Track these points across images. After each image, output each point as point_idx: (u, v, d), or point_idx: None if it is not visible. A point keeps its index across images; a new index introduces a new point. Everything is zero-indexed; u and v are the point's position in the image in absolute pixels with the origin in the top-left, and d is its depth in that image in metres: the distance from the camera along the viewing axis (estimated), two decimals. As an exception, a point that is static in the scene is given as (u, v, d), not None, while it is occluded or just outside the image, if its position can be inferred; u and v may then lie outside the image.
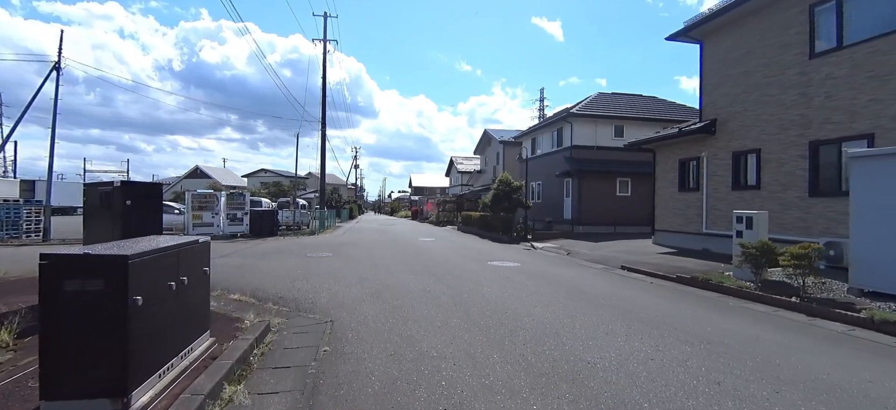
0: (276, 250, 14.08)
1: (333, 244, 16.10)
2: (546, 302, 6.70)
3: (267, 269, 9.77)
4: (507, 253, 14.00)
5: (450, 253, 13.46)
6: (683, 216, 14.14)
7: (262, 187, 59.72)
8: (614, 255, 13.18)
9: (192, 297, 3.69)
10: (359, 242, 17.40)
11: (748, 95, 12.00)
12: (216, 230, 19.41)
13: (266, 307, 6.14)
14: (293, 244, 16.01)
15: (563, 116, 22.85)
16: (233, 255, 12.46)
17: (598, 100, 24.47)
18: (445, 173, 64.15)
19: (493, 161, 41.53)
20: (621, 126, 23.07)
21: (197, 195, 19.41)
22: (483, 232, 22.34)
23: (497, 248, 15.85)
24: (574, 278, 9.25)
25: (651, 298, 7.34)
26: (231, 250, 13.89)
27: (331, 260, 11.45)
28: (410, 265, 10.55)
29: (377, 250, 14.28)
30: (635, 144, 16.35)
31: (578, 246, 15.86)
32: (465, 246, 16.23)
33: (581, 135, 22.52)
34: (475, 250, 14.84)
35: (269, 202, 27.55)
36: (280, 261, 11.16)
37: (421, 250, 14.14)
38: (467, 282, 8.35)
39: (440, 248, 15.20)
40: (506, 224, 19.66)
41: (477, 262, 11.45)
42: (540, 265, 11.37)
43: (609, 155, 22.68)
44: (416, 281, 8.36)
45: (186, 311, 3.58)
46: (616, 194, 22.21)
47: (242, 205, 20.41)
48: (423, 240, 18.89)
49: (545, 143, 25.96)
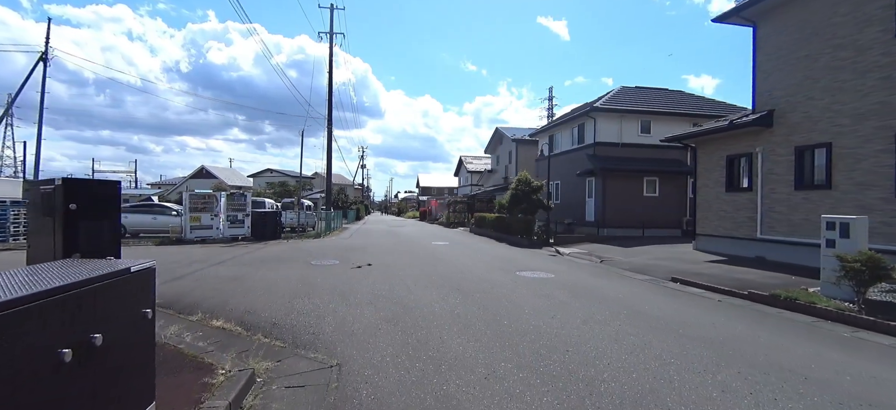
0: (278, 256, 12.73)
1: (340, 249, 14.73)
2: (612, 333, 5.25)
3: (264, 282, 8.40)
4: (534, 261, 12.56)
5: (470, 261, 12.04)
6: (732, 220, 12.61)
7: (268, 188, 58.64)
8: (655, 263, 11.70)
9: (117, 361, 2.30)
10: (368, 246, 16.03)
11: (814, 81, 10.47)
12: (215, 233, 18.14)
13: (254, 341, 4.75)
14: (297, 249, 14.67)
15: (585, 110, 21.35)
16: (229, 262, 11.13)
17: (620, 94, 22.93)
18: (454, 173, 62.72)
19: (505, 160, 40.04)
20: (648, 122, 21.51)
21: (195, 196, 18.14)
22: (500, 235, 20.89)
23: (520, 254, 14.40)
24: (625, 295, 7.78)
25: (736, 324, 5.87)
26: (228, 256, 12.56)
27: (338, 270, 10.07)
28: (429, 276, 9.13)
29: (389, 255, 12.90)
30: (674, 140, 14.81)
31: (609, 252, 14.37)
32: (485, 252, 14.79)
33: (605, 131, 20.99)
34: (497, 256, 13.40)
35: (272, 203, 26.28)
36: (280, 271, 9.80)
37: (437, 257, 12.73)
38: (502, 301, 6.93)
39: (458, 254, 13.78)
40: (526, 227, 18.20)
41: (504, 272, 10.01)
42: (576, 276, 9.91)
43: (635, 153, 21.14)
44: (441, 300, 6.95)
45: (104, 387, 2.20)
46: (643, 195, 20.67)
47: (244, 206, 19.12)
48: (437, 244, 17.48)
49: (564, 140, 24.45)
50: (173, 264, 10.68)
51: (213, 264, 10.77)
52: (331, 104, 24.33)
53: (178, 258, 12.05)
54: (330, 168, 24.90)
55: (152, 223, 18.87)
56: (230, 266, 10.40)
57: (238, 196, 19.13)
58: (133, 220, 18.90)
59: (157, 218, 18.95)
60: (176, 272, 9.44)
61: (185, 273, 9.24)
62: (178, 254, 12.99)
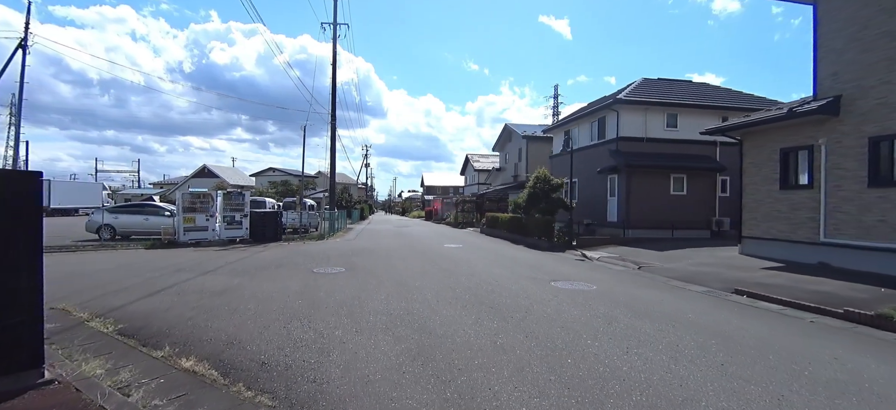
0: (277, 261, 11.40)
1: (346, 253, 13.39)
2: (723, 379, 3.86)
3: (257, 297, 7.06)
4: (563, 267, 11.17)
5: (493, 267, 10.66)
6: (787, 221, 11.19)
7: (270, 187, 57.51)
8: (704, 270, 10.30)
9: None
10: (375, 249, 14.68)
11: (892, 62, 9.04)
12: (211, 235, 16.82)
13: (232, 396, 3.40)
14: (298, 253, 13.34)
15: (607, 103, 19.90)
16: (220, 270, 9.79)
17: (643, 87, 21.49)
18: (460, 172, 61.36)
19: (515, 158, 38.64)
20: (674, 115, 20.07)
21: (189, 195, 16.83)
22: (515, 236, 19.52)
23: (544, 259, 13.02)
24: (695, 314, 6.40)
25: (869, 363, 4.47)
26: (221, 262, 11.23)
27: (344, 280, 8.71)
28: (452, 289, 7.77)
29: (400, 261, 11.54)
30: (717, 131, 13.34)
31: (643, 257, 12.97)
32: (504, 255, 13.41)
33: (629, 125, 19.56)
34: (520, 261, 12.02)
35: (273, 202, 24.99)
36: (277, 281, 8.45)
37: (455, 262, 11.37)
38: (551, 326, 5.55)
39: (476, 259, 12.40)
40: (545, 229, 16.81)
41: (536, 282, 8.63)
42: (621, 287, 8.52)
43: (660, 148, 19.71)
44: (474, 323, 5.58)
45: None
46: (670, 193, 19.23)
47: (241, 206, 17.80)
48: (450, 247, 16.12)
49: (583, 135, 23.01)
50: (157, 272, 9.35)
51: (201, 272, 9.43)
52: (334, 96, 23.01)
53: (164, 264, 10.73)
54: (333, 165, 23.59)
55: (144, 225, 17.58)
56: (221, 276, 9.06)
57: (235, 195, 17.82)
58: (124, 221, 17.62)
59: (148, 219, 17.66)
60: (156, 283, 8.11)
61: (166, 285, 7.90)
62: (166, 259, 11.67)
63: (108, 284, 7.99)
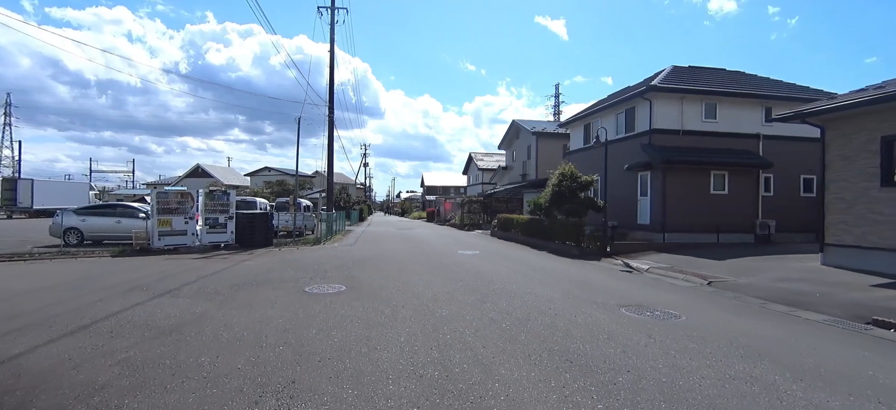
0: (261, 275, 9.25)
1: (346, 263, 11.24)
2: None
3: (220, 342, 4.91)
4: (615, 283, 9.06)
5: (533, 284, 8.52)
6: (893, 225, 9.08)
7: (266, 186, 55.27)
8: (797, 288, 8.20)
9: None
10: (380, 257, 12.53)
11: None
12: (190, 240, 14.66)
13: None
14: (288, 263, 11.18)
15: (638, 91, 17.77)
16: (186, 289, 7.63)
17: (674, 75, 19.37)
18: (462, 171, 59.22)
19: (523, 156, 36.53)
20: (713, 104, 17.97)
21: (163, 194, 14.63)
22: (534, 241, 17.40)
23: (584, 270, 10.91)
24: (849, 364, 4.27)
25: None
26: (192, 276, 9.07)
27: (345, 306, 6.57)
28: (497, 323, 5.63)
29: (413, 275, 9.40)
30: (796, 117, 11.06)
31: (702, 267, 10.88)
32: (535, 266, 11.28)
33: (663, 116, 17.45)
34: (561, 275, 9.89)
35: (265, 203, 22.80)
36: (255, 309, 6.30)
37: (482, 277, 9.23)
38: (685, 402, 3.42)
39: (506, 271, 10.27)
40: (574, 232, 14.69)
41: (603, 309, 6.50)
42: (716, 315, 6.41)
43: (698, 141, 17.61)
44: (561, 399, 3.45)
45: None
46: (710, 192, 17.13)
47: (226, 206, 15.62)
48: (466, 254, 13.98)
49: (607, 128, 20.81)
50: (103, 293, 7.19)
51: (160, 293, 7.27)
52: (332, 85, 20.81)
53: (121, 279, 8.57)
54: (331, 161, 21.39)
55: (116, 228, 15.40)
56: (183, 299, 6.90)
57: (219, 195, 15.63)
58: (92, 224, 15.43)
59: (121, 222, 15.47)
60: (91, 312, 5.95)
61: (101, 316, 5.75)
62: (127, 272, 9.51)
63: (23, 314, 5.83)
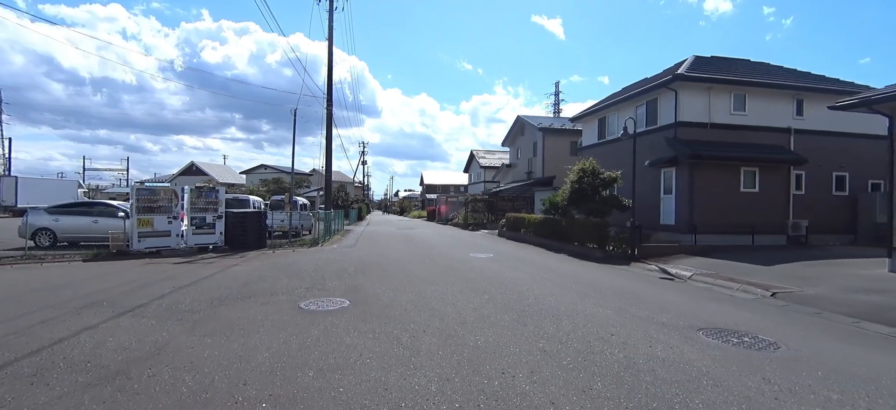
0: (248, 287, 7.88)
1: (347, 269, 9.87)
2: None
3: (181, 392, 3.55)
4: (664, 294, 7.73)
5: (570, 296, 7.18)
6: None
7: (262, 184, 53.79)
8: (883, 301, 6.90)
9: None
10: (386, 262, 11.17)
11: None
12: (174, 242, 13.25)
13: None
14: (282, 269, 9.81)
15: (663, 81, 16.42)
16: (154, 306, 6.25)
17: (697, 65, 18.05)
18: (464, 169, 57.88)
19: (528, 153, 35.23)
20: (742, 96, 16.68)
21: (144, 191, 13.20)
22: (549, 243, 16.06)
23: (619, 278, 9.59)
24: None
25: None
26: (166, 287, 7.68)
27: (350, 331, 5.21)
28: (555, 360, 4.27)
29: (427, 283, 8.05)
30: (862, 104, 9.67)
31: (751, 274, 9.58)
32: (563, 273, 9.94)
33: (690, 107, 16.14)
34: (597, 285, 8.55)
35: (260, 202, 21.38)
36: (236, 335, 4.94)
37: (512, 289, 7.88)
38: None
39: (533, 280, 8.92)
40: (597, 234, 13.35)
41: (673, 332, 5.16)
42: (819, 341, 5.08)
43: (727, 135, 16.31)
44: None
45: None
46: (740, 190, 15.84)
47: (215, 205, 14.21)
48: (478, 257, 12.64)
49: (624, 122, 19.52)
50: (51, 311, 5.81)
51: (120, 311, 5.89)
52: (330, 76, 19.38)
53: (79, 291, 7.18)
54: (329, 156, 19.95)
55: (93, 228, 13.97)
56: (147, 320, 5.52)
57: (207, 192, 14.21)
58: (67, 224, 13.99)
59: (98, 221, 14.03)
60: (15, 342, 4.58)
61: (35, 348, 4.38)
62: (91, 282, 8.12)
63: (-71, 344, 4.45)
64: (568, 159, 33.15)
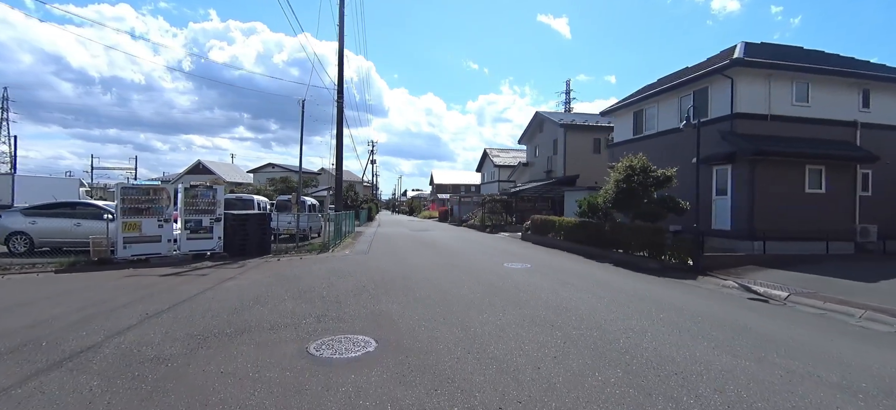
0: (242, 314, 6.17)
1: (366, 284, 8.14)
2: None
3: None
4: (781, 327, 5.92)
5: (679, 335, 5.40)
6: None
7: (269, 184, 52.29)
8: None
9: None
10: (410, 274, 9.43)
11: None
12: (165, 248, 11.62)
13: None
14: (288, 284, 8.10)
15: (717, 67, 14.48)
16: (106, 348, 4.56)
17: (750, 51, 16.14)
18: (476, 169, 56.06)
19: (548, 150, 33.36)
20: (805, 85, 14.76)
21: (130, 190, 11.54)
22: (588, 250, 14.23)
23: (699, 298, 7.78)
24: None
25: None
26: (134, 315, 5.99)
27: (385, 401, 3.46)
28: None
29: (470, 308, 6.31)
30: None
31: (857, 292, 7.77)
32: (636, 294, 8.14)
33: (748, 97, 14.25)
34: (697, 315, 6.74)
35: (264, 201, 19.74)
36: (226, 393, 3.20)
37: (589, 323, 6.10)
38: None
39: (606, 307, 7.14)
40: (651, 241, 11.53)
41: (853, 398, 3.39)
42: None
43: (788, 129, 14.42)
44: None
45: None
46: (805, 191, 13.95)
47: (213, 206, 12.55)
48: (515, 268, 10.87)
49: (665, 115, 17.67)
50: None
51: (48, 364, 4.18)
52: (341, 65, 17.67)
53: (12, 322, 5.50)
54: (340, 152, 18.22)
55: (75, 232, 12.39)
56: (81, 383, 3.81)
57: (203, 192, 12.55)
58: (45, 227, 12.41)
59: (81, 224, 12.44)
60: None
61: None
62: (39, 304, 6.44)
63: None
64: (591, 157, 31.28)
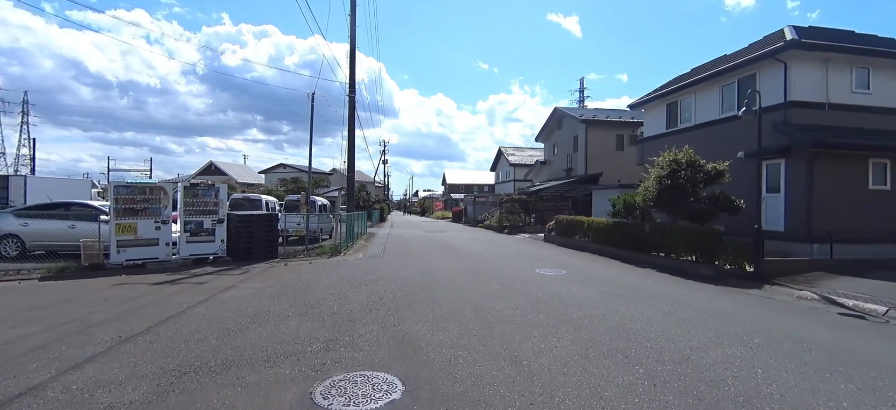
0: (233, 343, 5.09)
1: (383, 297, 7.02)
2: None
3: None
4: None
5: (822, 382, 4.20)
6: None
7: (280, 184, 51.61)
8: None
9: None
10: (433, 283, 8.29)
11: None
12: (163, 253, 10.64)
13: None
14: (293, 296, 7.02)
15: (770, 50, 13.05)
16: (53, 391, 3.48)
17: (802, 34, 14.69)
18: (491, 168, 54.81)
19: (567, 148, 31.98)
20: (865, 70, 13.33)
21: (124, 188, 10.56)
22: (622, 252, 12.95)
23: (780, 315, 6.51)
24: None
25: None
26: (106, 340, 4.94)
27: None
28: None
29: (515, 334, 5.14)
30: None
31: None
32: (705, 310, 6.89)
33: (802, 84, 12.84)
34: (799, 340, 5.49)
35: (273, 201, 18.77)
36: None
37: (674, 355, 4.88)
38: None
39: (690, 332, 5.92)
40: (704, 245, 10.22)
41: None
42: None
43: (846, 118, 12.98)
44: None
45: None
46: (868, 188, 12.51)
47: (215, 206, 11.56)
48: (549, 275, 9.66)
49: (705, 106, 16.23)
50: None
51: None
52: (353, 54, 16.59)
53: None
54: (352, 149, 17.16)
55: (69, 234, 11.47)
56: None
57: (205, 191, 11.56)
58: (38, 229, 11.52)
59: (76, 226, 11.54)
60: None
61: None
62: (15, 321, 5.43)
63: None
64: (613, 154, 29.82)
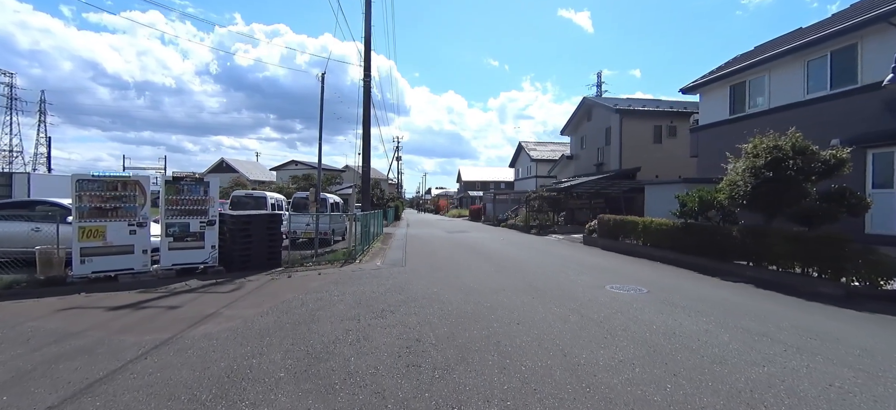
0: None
1: (416, 326, 4.87)
2: None
3: None
4: None
5: None
6: None
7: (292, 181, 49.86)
8: None
9: None
10: (485, 308, 6.12)
11: None
12: (138, 263, 8.62)
13: None
14: (289, 335, 4.92)
15: (880, 13, 10.68)
16: None
17: None
18: (509, 164, 52.46)
19: (598, 141, 29.53)
20: None
21: (92, 184, 8.55)
22: (692, 260, 10.64)
23: None
24: None
25: None
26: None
27: None
28: None
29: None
30: None
31: None
32: (866, 349, 4.64)
33: (925, 52, 10.39)
34: None
35: (280, 199, 16.77)
36: None
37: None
38: None
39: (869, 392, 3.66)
40: (823, 254, 7.88)
41: None
42: None
43: (980, 96, 10.47)
44: None
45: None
46: None
47: (204, 205, 9.52)
48: (626, 293, 7.42)
49: (783, 85, 13.76)
50: None
51: None
52: (368, 36, 14.48)
53: None
54: (367, 140, 15.04)
55: (33, 239, 9.54)
56: None
57: (192, 186, 9.51)
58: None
59: (41, 229, 9.61)
60: None
61: None
62: None
63: None
64: (651, 147, 27.24)
